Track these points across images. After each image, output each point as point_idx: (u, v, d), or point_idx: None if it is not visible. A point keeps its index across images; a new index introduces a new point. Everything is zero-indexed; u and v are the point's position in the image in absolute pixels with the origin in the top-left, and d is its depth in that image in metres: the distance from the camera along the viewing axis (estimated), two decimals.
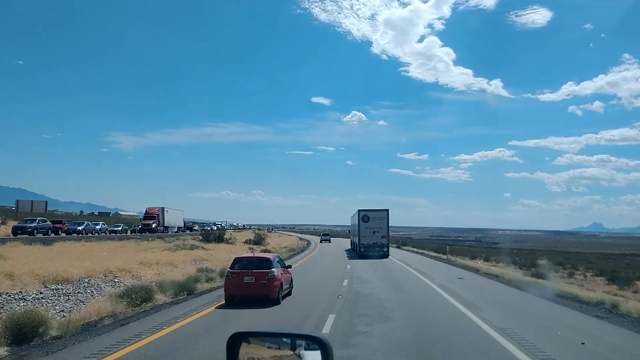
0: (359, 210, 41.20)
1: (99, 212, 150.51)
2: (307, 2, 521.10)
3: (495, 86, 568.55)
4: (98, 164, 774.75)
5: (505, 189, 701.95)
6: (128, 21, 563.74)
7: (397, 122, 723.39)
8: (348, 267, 28.89)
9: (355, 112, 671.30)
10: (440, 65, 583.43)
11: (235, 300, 14.09)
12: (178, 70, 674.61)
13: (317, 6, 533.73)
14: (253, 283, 13.94)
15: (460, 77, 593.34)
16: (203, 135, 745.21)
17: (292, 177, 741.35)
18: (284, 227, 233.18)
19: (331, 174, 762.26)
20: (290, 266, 17.24)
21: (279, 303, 13.94)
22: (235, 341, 2.56)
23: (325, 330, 10.20)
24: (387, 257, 38.58)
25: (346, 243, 62.44)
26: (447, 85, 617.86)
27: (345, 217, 56.64)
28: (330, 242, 77.05)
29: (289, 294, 15.67)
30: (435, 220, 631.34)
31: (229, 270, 14.60)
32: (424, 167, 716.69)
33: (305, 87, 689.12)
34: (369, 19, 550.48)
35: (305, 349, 2.53)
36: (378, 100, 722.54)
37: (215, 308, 13.33)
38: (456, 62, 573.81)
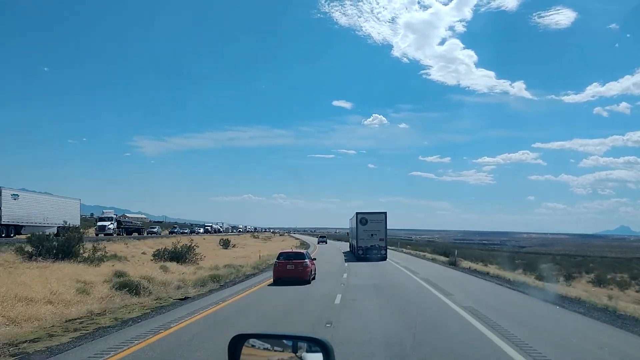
0: (357, 213, 41.27)
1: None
2: (327, 7, 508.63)
3: (518, 88, 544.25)
4: (121, 168, 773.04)
5: (529, 191, 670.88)
6: (150, 26, 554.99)
7: (418, 125, 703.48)
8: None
9: (377, 115, 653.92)
10: (461, 68, 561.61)
11: (279, 281, 20.50)
12: (200, 75, 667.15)
13: (337, 10, 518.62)
14: (293, 269, 20.60)
15: (482, 80, 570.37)
16: (225, 140, 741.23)
17: (313, 181, 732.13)
18: (304, 231, 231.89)
19: (352, 177, 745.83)
20: (315, 258, 24.47)
21: (309, 283, 20.59)
22: (237, 343, 2.52)
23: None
24: (385, 259, 38.02)
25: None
26: (468, 87, 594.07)
27: None
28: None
29: (314, 278, 22.16)
30: (458, 224, 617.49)
31: (276, 261, 21.57)
32: (446, 170, 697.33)
33: (326, 91, 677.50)
34: (389, 22, 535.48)
35: (307, 351, 2.49)
36: (399, 104, 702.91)
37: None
38: (478, 65, 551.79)
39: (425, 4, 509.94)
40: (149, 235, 64.36)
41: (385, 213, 40.59)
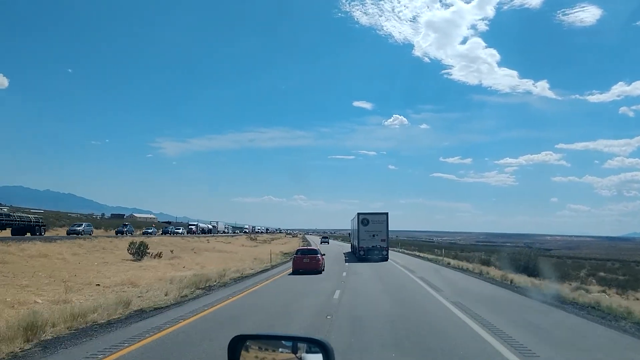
0: (359, 214, 41.08)
1: (111, 214, 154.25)
2: (348, 6, 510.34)
3: (542, 88, 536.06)
4: (143, 170, 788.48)
5: (552, 193, 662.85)
6: (173, 31, 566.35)
7: (439, 125, 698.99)
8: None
9: (397, 115, 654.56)
10: (483, 67, 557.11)
11: (297, 272, 25.16)
12: (221, 76, 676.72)
13: (358, 9, 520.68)
14: (308, 262, 25.60)
15: (504, 79, 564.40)
16: (245, 141, 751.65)
17: (333, 182, 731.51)
18: (324, 232, 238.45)
19: (373, 178, 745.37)
20: (324, 254, 29.14)
21: (321, 273, 25.23)
22: (237, 344, 2.48)
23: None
24: (387, 260, 38.10)
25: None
26: (491, 87, 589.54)
27: None
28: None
29: (324, 269, 26.78)
30: (478, 225, 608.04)
31: (294, 255, 27.23)
32: (467, 171, 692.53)
33: (346, 92, 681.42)
34: (410, 21, 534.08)
35: (307, 352, 2.46)
36: (420, 104, 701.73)
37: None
38: (500, 64, 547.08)
39: (447, 2, 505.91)
40: (69, 236, 45.55)
41: (386, 213, 40.36)
